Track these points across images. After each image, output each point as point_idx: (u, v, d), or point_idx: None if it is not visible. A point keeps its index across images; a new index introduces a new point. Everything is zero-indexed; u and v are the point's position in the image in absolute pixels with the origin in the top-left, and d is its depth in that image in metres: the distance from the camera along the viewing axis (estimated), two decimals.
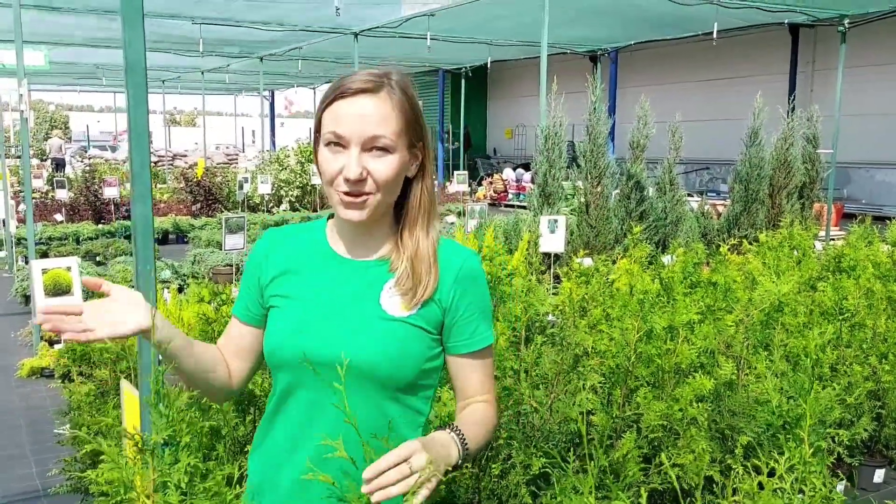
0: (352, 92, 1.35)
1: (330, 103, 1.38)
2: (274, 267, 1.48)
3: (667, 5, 9.68)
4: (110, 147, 37.08)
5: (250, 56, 16.59)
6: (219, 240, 10.72)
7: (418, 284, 1.39)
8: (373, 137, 1.34)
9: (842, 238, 9.33)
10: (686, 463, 2.91)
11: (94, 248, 10.45)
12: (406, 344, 1.39)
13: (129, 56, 1.84)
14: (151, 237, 1.94)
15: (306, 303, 1.43)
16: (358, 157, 1.35)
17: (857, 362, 3.53)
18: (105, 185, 13.35)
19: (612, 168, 6.93)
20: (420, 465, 1.18)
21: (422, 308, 1.40)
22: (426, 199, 1.45)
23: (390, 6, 10.42)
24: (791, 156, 7.83)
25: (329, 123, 1.37)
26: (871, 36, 14.70)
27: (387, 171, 1.36)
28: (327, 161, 1.37)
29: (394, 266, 1.42)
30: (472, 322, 1.44)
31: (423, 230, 1.43)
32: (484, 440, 1.43)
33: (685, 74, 20.55)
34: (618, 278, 4.42)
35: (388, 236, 1.46)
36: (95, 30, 12.60)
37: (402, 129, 1.37)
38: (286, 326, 1.43)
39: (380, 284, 1.42)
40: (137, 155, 1.89)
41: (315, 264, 1.47)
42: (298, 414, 1.41)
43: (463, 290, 1.43)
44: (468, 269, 1.44)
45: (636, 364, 3.03)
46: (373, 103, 1.35)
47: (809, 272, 4.55)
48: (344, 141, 1.35)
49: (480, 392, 1.48)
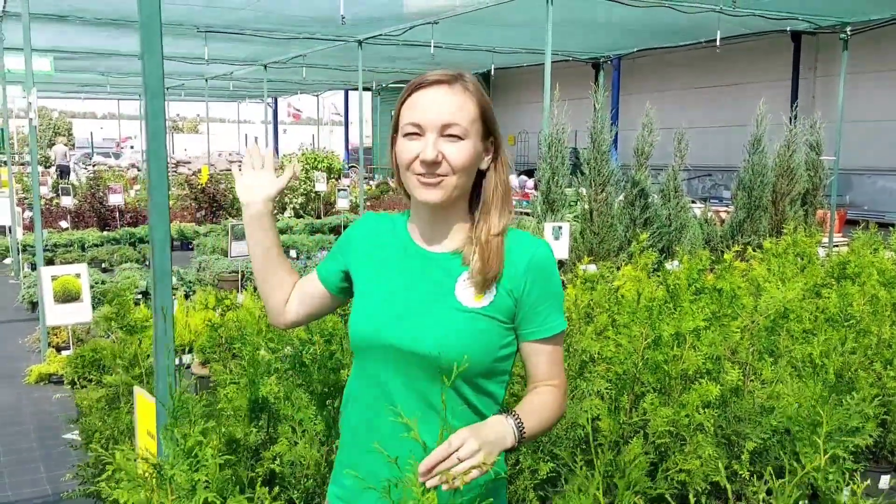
0: (427, 83, 1.48)
1: (407, 97, 1.50)
2: (364, 252, 1.61)
3: (670, 14, 9.72)
4: (113, 154, 37.21)
5: (255, 63, 16.67)
6: (223, 247, 10.75)
7: (489, 274, 1.46)
8: (447, 124, 1.44)
9: (845, 244, 9.34)
10: (693, 468, 2.93)
11: (100, 255, 10.49)
12: (480, 334, 1.46)
13: (148, 82, 1.87)
14: (168, 256, 1.98)
15: (387, 293, 1.52)
16: (434, 142, 1.45)
17: (863, 368, 3.55)
18: (110, 191, 13.39)
19: (617, 175, 6.97)
20: (469, 452, 1.27)
21: (495, 298, 1.47)
22: (499, 191, 1.53)
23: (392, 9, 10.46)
24: (794, 162, 7.86)
25: (406, 115, 1.48)
26: (873, 43, 14.75)
27: (461, 156, 1.45)
28: (404, 148, 1.48)
29: (466, 259, 1.49)
30: (543, 310, 1.50)
31: (496, 221, 1.50)
32: (547, 423, 1.50)
33: (687, 81, 20.59)
34: (623, 285, 4.44)
35: (462, 227, 1.53)
36: (102, 38, 12.67)
37: (475, 118, 1.48)
38: (368, 314, 1.53)
39: (454, 276, 1.49)
40: (156, 178, 1.92)
41: (398, 255, 1.56)
42: (376, 399, 1.50)
43: (533, 280, 1.49)
44: (539, 258, 1.50)
45: (643, 370, 3.06)
46: (447, 93, 1.46)
47: (814, 279, 4.57)
48: (420, 129, 1.45)
49: (549, 377, 1.54)
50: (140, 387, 2.39)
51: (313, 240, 11.70)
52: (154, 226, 1.96)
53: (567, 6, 8.80)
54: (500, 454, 1.38)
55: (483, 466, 1.28)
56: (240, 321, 4.16)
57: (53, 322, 5.32)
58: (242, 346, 3.57)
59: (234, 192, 16.26)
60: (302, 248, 11.25)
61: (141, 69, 1.91)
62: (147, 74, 1.90)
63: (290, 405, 2.81)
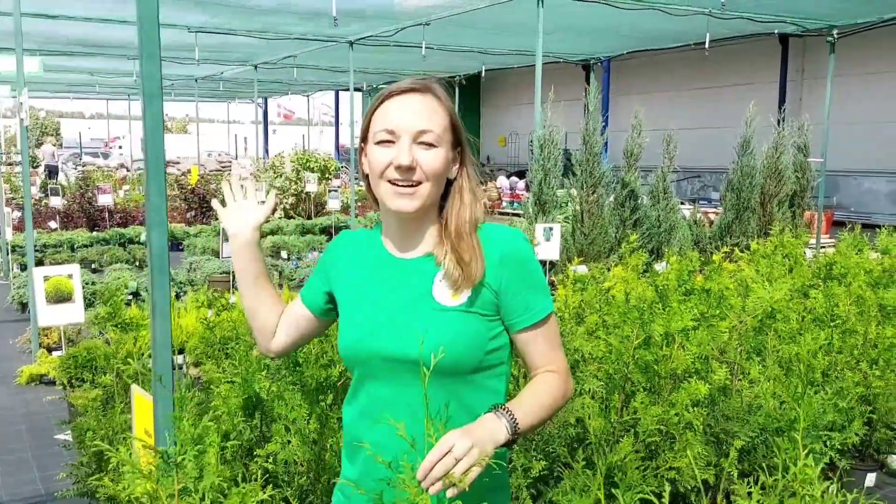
0: (400, 91, 1.50)
1: (379, 106, 1.51)
2: (343, 270, 1.62)
3: (660, 17, 9.79)
4: (102, 154, 37.02)
5: (245, 64, 16.64)
6: (214, 247, 10.74)
7: (465, 272, 1.47)
8: (421, 131, 1.47)
9: (832, 245, 9.43)
10: (682, 466, 2.97)
11: (90, 256, 10.46)
12: (463, 331, 1.47)
13: (147, 88, 1.90)
14: (166, 261, 2.00)
15: (368, 305, 1.54)
16: (409, 147, 1.46)
17: (849, 368, 3.60)
18: (99, 192, 13.35)
19: (608, 177, 7.02)
20: (462, 451, 1.28)
21: (472, 294, 1.48)
22: (466, 195, 1.55)
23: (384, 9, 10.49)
24: (782, 164, 7.94)
25: (380, 122, 1.49)
26: (860, 46, 14.87)
27: (435, 163, 1.47)
28: (377, 155, 1.49)
29: (439, 259, 1.51)
30: (524, 297, 1.51)
31: (464, 222, 1.52)
32: (547, 410, 1.49)
33: (676, 83, 20.71)
34: (613, 286, 4.49)
35: (433, 232, 1.55)
36: (91, 37, 12.63)
37: (447, 127, 1.50)
38: (353, 328, 1.55)
39: (430, 278, 1.51)
40: (155, 183, 1.94)
41: (374, 267, 1.58)
42: (374, 407, 1.51)
43: (509, 269, 1.50)
44: (512, 248, 1.52)
45: (633, 370, 3.10)
46: (421, 100, 1.49)
47: (801, 280, 4.63)
48: (394, 135, 1.47)
49: (546, 362, 1.55)
50: (137, 386, 2.41)
51: (304, 240, 11.70)
52: (152, 226, 1.98)
53: (557, 8, 8.85)
54: (505, 459, 1.41)
55: (481, 462, 1.30)
56: (233, 321, 4.18)
57: (45, 323, 5.32)
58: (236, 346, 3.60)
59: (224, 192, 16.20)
60: (293, 249, 11.26)
61: (139, 72, 1.93)
62: (145, 77, 1.93)
63: (284, 404, 2.84)
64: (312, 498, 2.70)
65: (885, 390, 3.75)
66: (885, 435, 3.88)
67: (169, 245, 8.39)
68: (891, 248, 5.66)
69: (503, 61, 17.21)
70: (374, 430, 1.49)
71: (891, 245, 5.80)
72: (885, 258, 5.33)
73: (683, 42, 13.77)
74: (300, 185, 15.10)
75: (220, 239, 7.54)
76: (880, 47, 15.86)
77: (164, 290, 1.98)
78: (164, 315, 1.98)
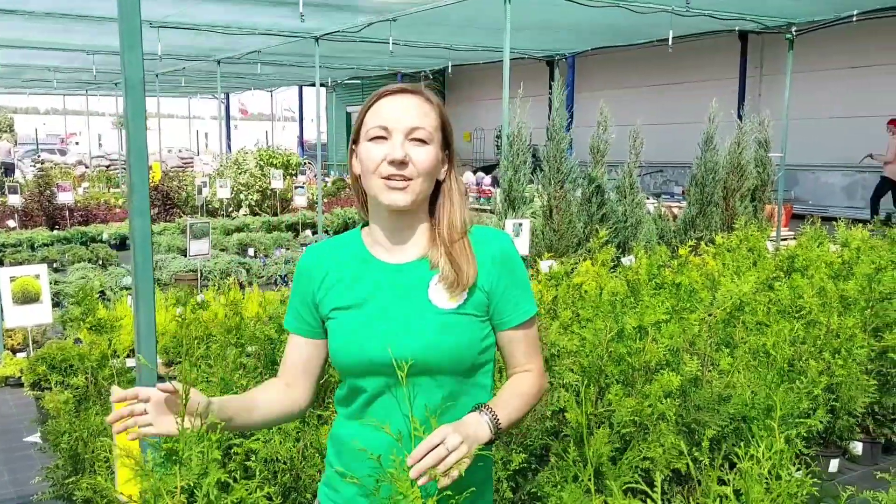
0: (392, 91, 1.54)
1: (372, 105, 1.54)
2: (324, 282, 1.59)
3: (623, 13, 9.91)
4: (59, 150, 36.21)
5: (208, 59, 16.43)
6: (179, 245, 10.62)
7: (460, 274, 1.50)
8: (414, 128, 1.50)
9: (792, 238, 9.66)
10: (656, 456, 3.05)
11: (51, 255, 10.27)
12: (461, 333, 1.50)
13: (129, 75, 1.90)
14: (150, 250, 2.00)
15: (362, 312, 1.54)
16: (402, 143, 1.49)
17: (813, 358, 3.71)
18: (59, 189, 13.10)
19: (575, 172, 7.10)
20: (454, 443, 1.33)
21: (468, 296, 1.51)
22: (456, 195, 1.58)
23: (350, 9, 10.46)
24: (744, 160, 8.10)
25: (372, 120, 1.52)
26: (817, 43, 15.22)
27: (427, 159, 1.51)
28: (370, 152, 1.51)
29: (434, 263, 1.53)
30: (513, 298, 1.56)
31: (457, 222, 1.55)
32: (525, 408, 1.55)
33: (640, 79, 20.96)
34: (585, 281, 4.56)
35: (424, 233, 1.57)
36: (49, 32, 12.36)
37: (437, 127, 1.55)
38: (348, 336, 1.54)
39: (425, 282, 1.53)
40: (137, 170, 1.94)
41: (362, 273, 1.57)
42: (371, 410, 1.52)
43: (501, 271, 1.55)
44: (504, 251, 1.57)
45: (607, 363, 3.16)
46: (414, 99, 1.53)
47: (766, 272, 4.75)
48: (387, 131, 1.50)
49: (526, 362, 1.60)
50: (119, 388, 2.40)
51: (271, 237, 11.62)
52: (135, 227, 1.98)
53: (523, 5, 8.91)
54: (489, 457, 1.46)
55: (469, 456, 1.35)
56: (205, 321, 4.16)
57: (12, 324, 5.22)
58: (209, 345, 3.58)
59: (187, 189, 16.08)
60: (259, 247, 11.18)
61: (120, 67, 1.93)
62: (127, 74, 1.92)
63: None
64: (296, 495, 2.72)
65: (847, 379, 3.88)
66: (848, 422, 4.01)
67: None
68: (849, 241, 5.83)
69: (469, 57, 17.25)
70: (372, 434, 1.49)
71: (849, 238, 5.97)
72: (844, 250, 5.50)
73: (647, 39, 13.95)
74: (265, 181, 14.98)
75: (188, 237, 7.46)
76: (836, 45, 16.24)
77: (147, 279, 1.98)
78: (147, 304, 1.98)
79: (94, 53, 14.68)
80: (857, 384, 3.91)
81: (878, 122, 16.51)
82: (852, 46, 16.33)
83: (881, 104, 16.37)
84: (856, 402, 3.95)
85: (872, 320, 4.21)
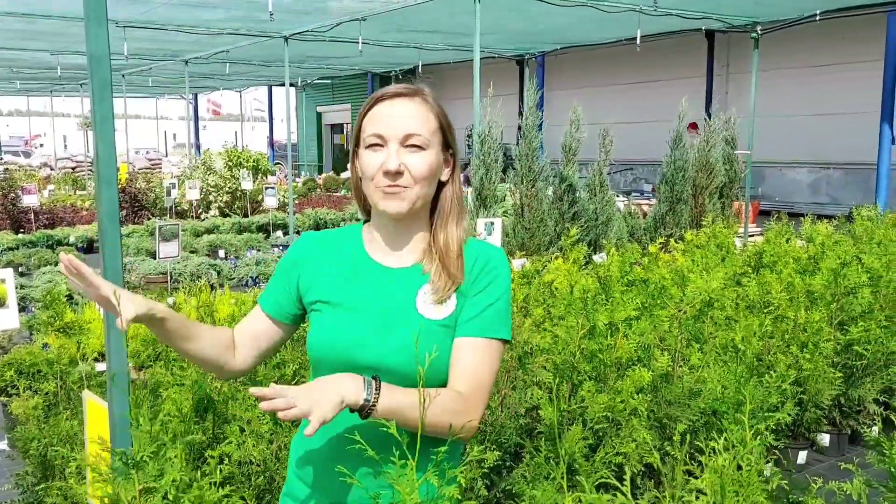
0: (389, 96, 1.51)
1: (369, 110, 1.52)
2: (314, 271, 1.58)
3: (593, 13, 10.00)
4: (23, 152, 35.58)
5: (175, 59, 16.26)
6: (147, 247, 10.49)
7: (449, 282, 1.49)
8: (409, 135, 1.48)
9: (759, 234, 9.82)
10: (629, 451, 3.08)
11: (17, 259, 10.09)
12: (439, 345, 1.48)
13: (93, 49, 1.88)
14: (118, 220, 1.97)
15: (349, 311, 1.52)
16: (396, 152, 1.48)
17: (781, 352, 3.78)
18: (24, 192, 12.88)
19: (546, 171, 7.14)
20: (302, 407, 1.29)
21: (455, 307, 1.50)
22: (455, 202, 1.57)
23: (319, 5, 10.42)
24: (712, 157, 8.21)
25: (369, 127, 1.51)
26: (782, 43, 15.48)
27: (422, 166, 1.49)
28: (369, 160, 1.50)
29: (426, 268, 1.52)
30: (476, 308, 1.50)
31: (454, 234, 1.54)
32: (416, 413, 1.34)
33: (609, 78, 21.14)
34: (556, 278, 4.59)
35: (423, 239, 1.56)
36: (10, 30, 12.14)
37: (435, 129, 1.52)
38: (331, 333, 1.52)
39: (415, 290, 1.51)
40: (103, 143, 1.92)
41: (355, 272, 1.56)
42: (343, 417, 1.43)
43: (475, 279, 1.52)
44: (484, 260, 1.54)
45: (580, 360, 3.19)
46: (409, 105, 1.50)
47: (734, 268, 4.82)
48: (383, 139, 1.49)
49: (461, 379, 1.47)
50: (91, 392, 2.37)
51: (241, 239, 11.53)
52: (104, 230, 1.96)
53: (493, 4, 8.95)
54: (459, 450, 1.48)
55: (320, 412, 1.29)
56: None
57: None
58: None
59: (155, 191, 15.89)
60: (230, 249, 11.08)
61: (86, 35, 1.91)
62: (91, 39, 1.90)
63: (238, 404, 2.83)
64: (269, 497, 2.71)
65: (814, 372, 3.95)
66: (815, 414, 4.09)
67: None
68: (815, 237, 5.94)
69: (439, 56, 17.27)
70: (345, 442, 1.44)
71: (815, 234, 6.09)
72: (810, 246, 5.60)
73: (615, 38, 14.08)
74: (235, 182, 14.86)
75: (157, 239, 7.38)
76: (800, 43, 16.53)
77: (116, 267, 1.95)
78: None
79: (58, 53, 14.44)
80: (823, 377, 3.98)
81: (841, 120, 16.85)
82: (816, 46, 16.64)
83: (844, 101, 16.70)
84: (823, 395, 4.03)
85: (838, 314, 4.29)
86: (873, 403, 4.28)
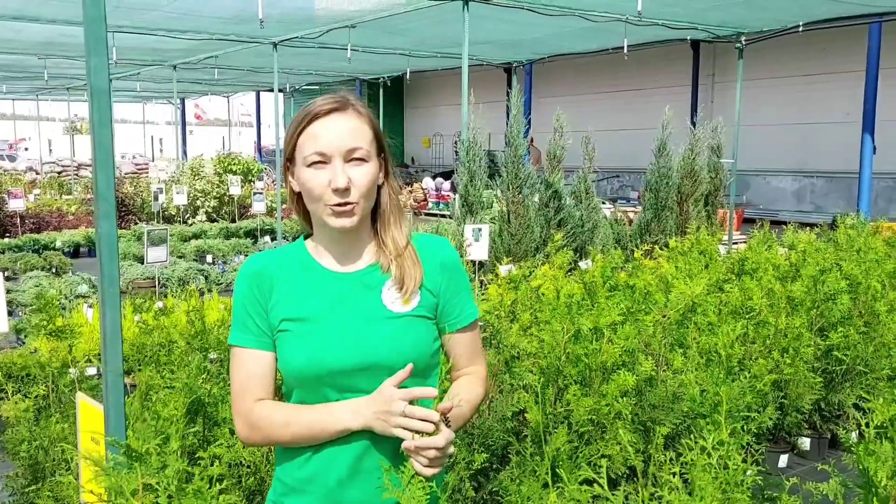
0: (324, 112, 1.53)
1: (304, 128, 1.53)
2: (272, 292, 1.57)
3: (578, 21, 10.09)
4: (8, 157, 35.34)
5: (163, 64, 16.23)
6: (135, 252, 10.48)
7: (409, 278, 1.56)
8: (352, 150, 1.51)
9: (743, 242, 9.93)
10: (613, 454, 3.14)
11: (3, 263, 10.05)
12: (416, 335, 1.55)
13: (94, 82, 1.92)
14: (116, 255, 2.01)
15: (320, 322, 1.55)
16: (342, 168, 1.50)
17: (762, 357, 3.85)
18: (10, 196, 12.83)
19: (532, 178, 7.21)
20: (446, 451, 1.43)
21: (420, 299, 1.57)
22: (394, 200, 1.62)
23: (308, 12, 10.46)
24: (697, 165, 8.31)
25: (308, 146, 1.52)
26: (766, 52, 15.67)
27: (366, 179, 1.53)
28: (313, 179, 1.51)
29: (384, 268, 1.57)
30: (459, 301, 1.63)
31: (398, 229, 1.60)
32: (469, 413, 1.60)
33: (596, 86, 21.31)
34: (543, 284, 4.65)
35: (370, 241, 1.61)
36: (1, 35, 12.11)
37: (372, 139, 1.56)
38: (308, 347, 1.53)
39: (378, 289, 1.56)
40: (103, 175, 1.96)
41: (314, 284, 1.58)
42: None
43: (449, 276, 1.62)
44: (450, 257, 1.64)
45: (566, 364, 3.25)
46: (346, 119, 1.53)
47: (717, 275, 4.90)
48: (326, 157, 1.50)
49: (470, 363, 1.67)
50: (84, 394, 2.41)
51: (229, 244, 11.54)
52: (102, 235, 1.99)
53: (481, 13, 9.02)
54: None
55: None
56: (168, 327, 4.15)
57: None
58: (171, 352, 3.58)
59: (142, 196, 15.85)
60: (218, 254, 11.09)
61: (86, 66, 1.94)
62: (92, 72, 1.94)
63: (229, 407, 2.86)
64: (259, 499, 2.74)
65: (795, 377, 4.03)
66: (796, 418, 4.16)
67: (87, 251, 8.27)
68: (796, 244, 6.03)
69: (428, 64, 17.34)
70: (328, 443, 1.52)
71: (796, 241, 6.18)
72: (791, 253, 5.69)
73: (602, 47, 14.20)
74: (223, 187, 14.86)
75: (145, 244, 7.38)
76: (784, 53, 16.74)
77: (114, 297, 2.00)
78: (113, 306, 2.00)
79: (45, 57, 14.40)
80: (804, 382, 4.06)
81: (825, 129, 17.06)
82: (800, 56, 16.86)
83: (828, 111, 16.91)
84: (803, 399, 4.11)
85: (818, 320, 4.37)
86: (853, 408, 4.36)
